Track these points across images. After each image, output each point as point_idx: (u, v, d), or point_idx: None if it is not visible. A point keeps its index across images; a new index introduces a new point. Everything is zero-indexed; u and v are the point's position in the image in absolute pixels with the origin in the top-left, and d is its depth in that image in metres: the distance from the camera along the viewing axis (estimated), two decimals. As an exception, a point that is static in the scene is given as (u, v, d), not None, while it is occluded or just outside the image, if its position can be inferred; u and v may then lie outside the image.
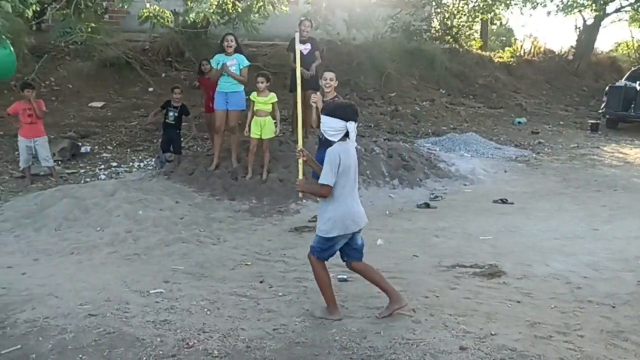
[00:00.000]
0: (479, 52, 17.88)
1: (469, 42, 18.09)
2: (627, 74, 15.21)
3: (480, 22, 19.13)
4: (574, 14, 18.33)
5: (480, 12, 17.68)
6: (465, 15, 17.84)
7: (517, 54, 18.67)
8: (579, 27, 18.84)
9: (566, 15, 18.21)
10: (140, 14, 9.04)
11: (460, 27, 17.68)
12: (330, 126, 3.65)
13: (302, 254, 4.70)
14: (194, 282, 4.56)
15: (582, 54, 18.61)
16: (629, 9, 19.06)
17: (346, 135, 3.65)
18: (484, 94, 15.52)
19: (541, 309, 3.95)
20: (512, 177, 9.06)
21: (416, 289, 4.29)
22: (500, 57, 18.13)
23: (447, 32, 17.46)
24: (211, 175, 7.67)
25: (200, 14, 7.61)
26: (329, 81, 6.46)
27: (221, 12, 9.11)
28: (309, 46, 8.51)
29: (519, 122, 13.67)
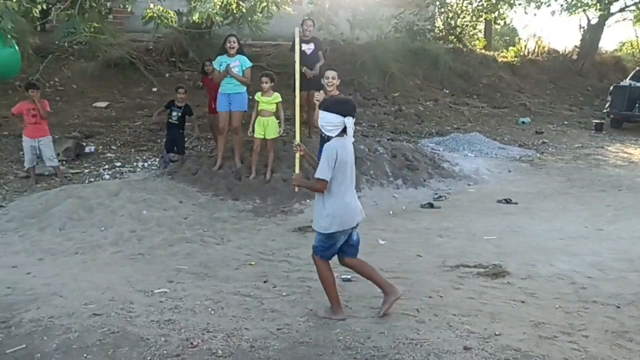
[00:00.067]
0: (483, 51, 17.85)
1: (473, 42, 18.09)
2: (631, 74, 15.15)
3: (484, 22, 19.10)
4: (578, 13, 18.28)
5: (484, 11, 17.66)
6: (469, 15, 17.82)
7: (521, 54, 18.62)
8: (583, 27, 18.79)
9: (570, 14, 18.17)
10: (144, 14, 9.06)
11: (464, 26, 17.67)
12: (327, 121, 3.64)
13: (306, 254, 4.70)
14: (198, 281, 4.57)
15: (586, 54, 18.55)
16: (633, 8, 18.98)
17: (344, 130, 3.64)
18: (488, 93, 15.49)
19: (545, 309, 3.94)
20: (516, 177, 9.04)
21: (420, 289, 4.29)
22: (504, 57, 18.10)
23: (451, 31, 17.45)
24: (215, 175, 7.68)
25: (204, 14, 7.62)
26: (332, 80, 6.46)
27: (225, 13, 9.12)
28: (312, 46, 8.51)
29: (523, 122, 13.64)
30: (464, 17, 17.77)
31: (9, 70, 7.19)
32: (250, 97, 8.00)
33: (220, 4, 8.20)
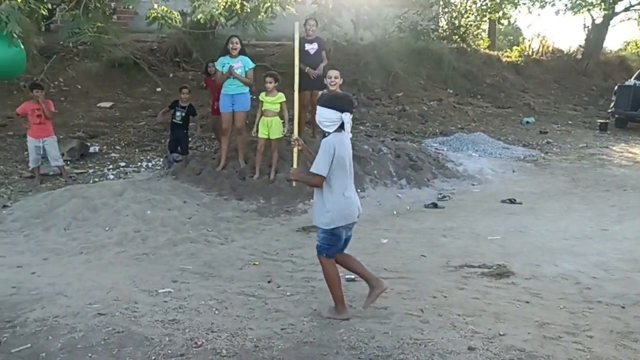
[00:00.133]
0: (487, 51, 17.81)
1: (477, 42, 18.03)
2: (636, 73, 15.09)
3: (488, 22, 19.06)
4: (583, 13, 18.23)
5: (488, 11, 17.62)
6: (473, 14, 17.78)
7: (525, 54, 18.58)
8: (588, 26, 18.74)
9: (575, 14, 18.13)
10: (148, 15, 9.07)
11: (467, 26, 17.62)
12: (325, 117, 3.64)
13: (310, 254, 4.70)
14: (202, 281, 4.57)
15: (590, 53, 18.50)
16: (638, 7, 18.93)
17: (341, 126, 3.64)
18: (492, 93, 15.46)
19: (550, 309, 3.93)
20: (520, 177, 9.02)
21: (424, 289, 4.28)
22: (508, 57, 18.06)
23: (455, 31, 17.41)
24: (219, 175, 7.68)
25: (207, 14, 7.62)
26: (334, 79, 6.46)
27: (230, 14, 9.12)
28: (315, 46, 8.49)
29: (527, 122, 13.61)
30: (468, 16, 17.73)
31: (14, 68, 7.22)
32: (254, 97, 8.01)
33: (224, 4, 8.20)
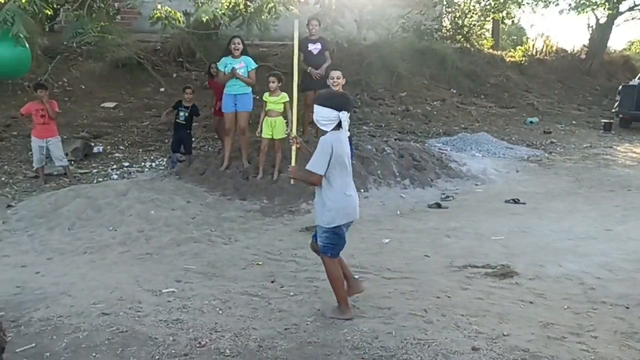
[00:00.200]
0: (491, 51, 17.77)
1: (480, 42, 18.00)
2: (640, 73, 15.08)
3: (491, 21, 19.02)
4: (587, 12, 18.17)
5: (492, 11, 17.58)
6: (476, 14, 17.75)
7: (529, 53, 18.53)
8: (592, 26, 18.68)
9: (579, 13, 18.06)
10: (151, 15, 9.09)
11: (471, 26, 17.59)
12: (322, 116, 3.64)
13: (313, 254, 4.70)
14: (205, 281, 4.58)
15: (594, 53, 18.43)
16: (642, 7, 18.86)
17: (339, 125, 3.65)
18: (496, 93, 15.42)
19: (554, 309, 3.92)
20: (524, 177, 9.00)
21: (428, 289, 4.28)
22: (511, 57, 18.00)
23: (458, 31, 17.38)
24: (222, 175, 7.69)
25: (210, 14, 7.62)
26: (336, 79, 6.45)
27: (234, 14, 9.13)
28: (318, 46, 8.49)
29: (531, 122, 13.57)
30: (472, 16, 17.70)
31: (20, 67, 7.25)
32: (257, 97, 8.01)
33: (227, 4, 8.20)
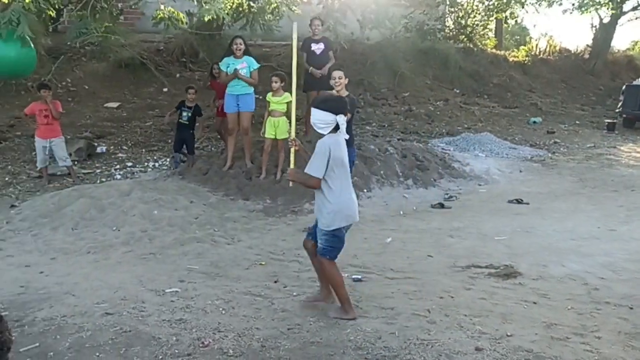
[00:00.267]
0: (494, 51, 17.74)
1: (484, 42, 17.96)
2: (644, 73, 15.04)
3: (494, 21, 18.98)
4: (590, 12, 18.13)
5: (495, 10, 17.55)
6: (479, 14, 17.72)
7: (532, 53, 18.49)
8: (595, 26, 18.64)
9: (582, 13, 18.01)
10: (154, 15, 9.10)
11: (474, 26, 17.56)
12: (319, 119, 3.65)
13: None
14: (208, 281, 4.59)
15: (598, 53, 18.38)
16: (646, 7, 18.80)
17: (336, 128, 3.65)
18: (499, 93, 15.40)
19: (557, 310, 3.92)
20: (527, 177, 8.99)
21: (431, 289, 4.28)
22: (515, 56, 17.97)
23: (461, 31, 17.34)
24: (225, 175, 7.70)
25: (212, 12, 7.62)
26: (338, 80, 6.45)
27: (238, 14, 9.13)
28: (322, 45, 8.49)
29: (534, 122, 13.55)
30: (475, 16, 17.66)
31: (25, 67, 7.27)
32: (260, 97, 8.01)
33: (231, 4, 8.21)
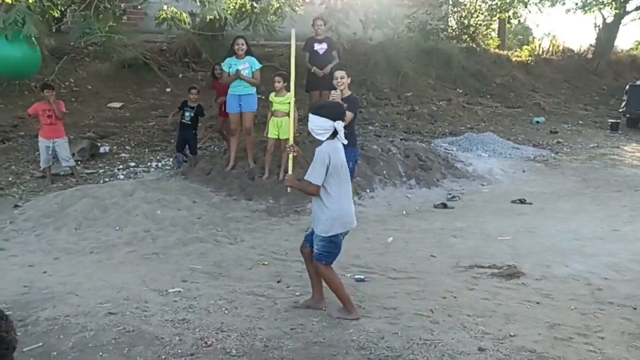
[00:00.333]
0: (497, 51, 17.72)
1: (486, 41, 17.94)
2: (647, 73, 14.99)
3: (497, 21, 18.96)
4: (594, 12, 18.09)
5: (498, 10, 17.53)
6: (482, 14, 17.70)
7: (535, 53, 18.46)
8: (599, 26, 18.60)
9: (585, 13, 17.98)
10: (157, 16, 9.11)
11: (477, 26, 17.54)
12: (317, 125, 3.64)
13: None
14: (211, 281, 4.59)
15: (601, 53, 18.34)
16: (650, 6, 18.74)
17: (334, 134, 3.64)
18: (502, 93, 15.38)
19: (561, 310, 3.91)
20: (530, 177, 8.97)
21: (434, 289, 4.27)
22: (518, 56, 17.95)
23: (464, 31, 17.33)
24: (228, 175, 7.70)
25: (215, 12, 7.62)
26: (340, 79, 6.45)
27: (241, 15, 9.13)
28: (325, 45, 8.48)
29: (538, 122, 13.52)
30: (478, 16, 17.65)
31: (30, 68, 7.29)
32: (263, 97, 8.01)
33: (234, 4, 8.21)
